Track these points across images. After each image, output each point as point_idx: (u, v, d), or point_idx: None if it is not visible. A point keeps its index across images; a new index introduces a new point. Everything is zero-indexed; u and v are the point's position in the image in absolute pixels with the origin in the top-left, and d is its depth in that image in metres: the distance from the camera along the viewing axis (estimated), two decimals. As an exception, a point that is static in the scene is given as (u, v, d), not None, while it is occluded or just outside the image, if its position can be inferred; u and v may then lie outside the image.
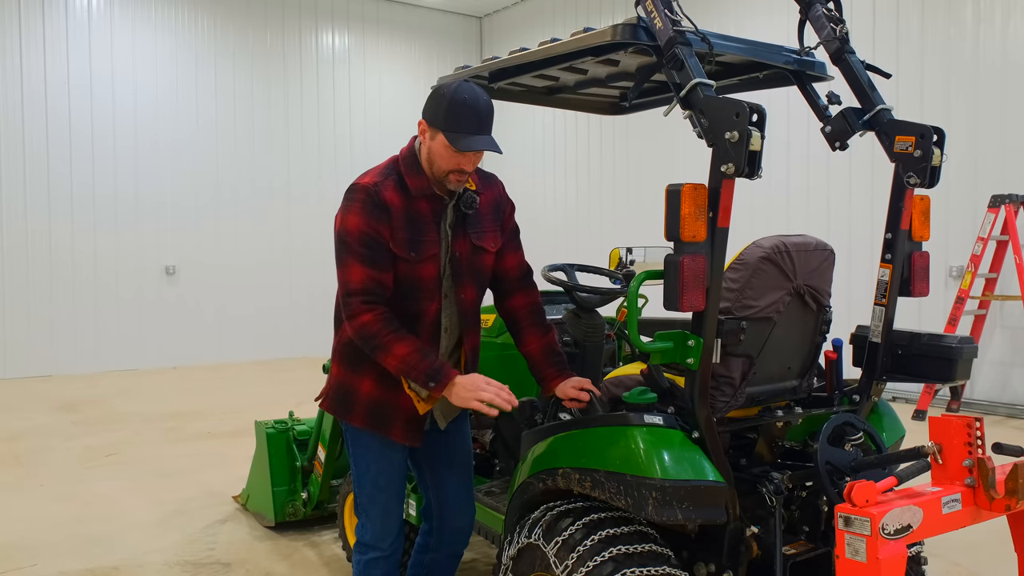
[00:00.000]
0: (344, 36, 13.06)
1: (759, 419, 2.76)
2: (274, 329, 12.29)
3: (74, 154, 10.92)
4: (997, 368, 7.97)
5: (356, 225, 2.57)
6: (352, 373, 2.76)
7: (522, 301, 2.94)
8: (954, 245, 8.05)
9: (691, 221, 2.30)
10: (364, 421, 2.76)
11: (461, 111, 2.53)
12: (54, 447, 6.86)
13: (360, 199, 2.58)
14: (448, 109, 2.53)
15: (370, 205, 2.57)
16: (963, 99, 8.07)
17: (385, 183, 2.61)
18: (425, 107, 2.61)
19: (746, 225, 5.00)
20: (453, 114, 2.53)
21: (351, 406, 2.78)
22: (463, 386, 2.53)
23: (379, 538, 2.85)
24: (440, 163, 2.59)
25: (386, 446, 2.81)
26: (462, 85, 2.58)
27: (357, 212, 2.57)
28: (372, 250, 2.57)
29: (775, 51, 2.97)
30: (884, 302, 2.86)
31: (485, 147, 2.55)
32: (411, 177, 2.64)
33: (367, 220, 2.56)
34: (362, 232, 2.56)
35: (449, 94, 2.55)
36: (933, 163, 2.67)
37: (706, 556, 2.65)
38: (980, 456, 2.14)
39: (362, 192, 2.59)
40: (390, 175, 2.64)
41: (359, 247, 2.56)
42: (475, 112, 2.55)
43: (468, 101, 2.54)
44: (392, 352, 2.55)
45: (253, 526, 4.83)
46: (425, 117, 2.60)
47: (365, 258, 2.56)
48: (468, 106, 2.53)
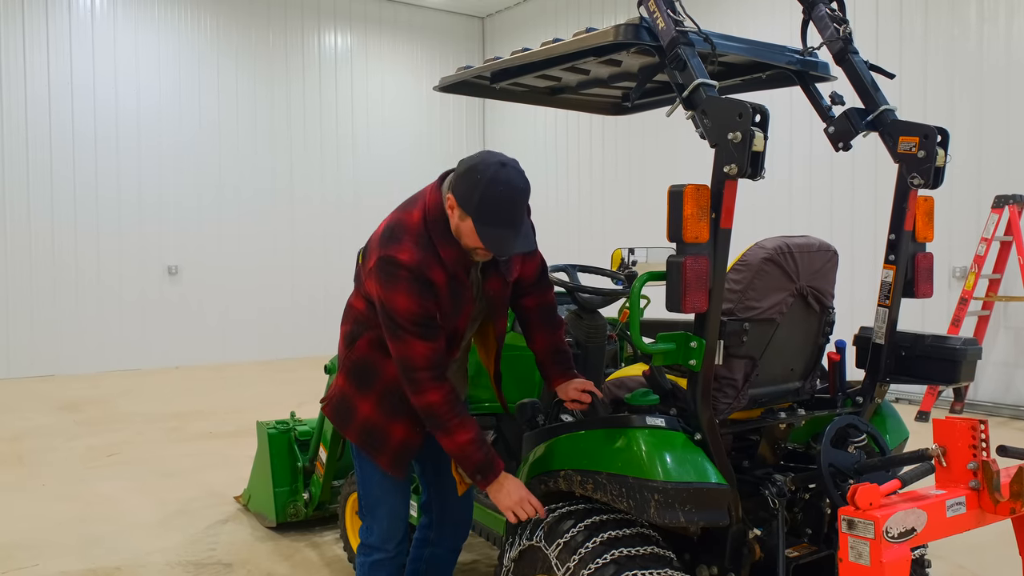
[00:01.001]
0: (347, 36, 13.06)
1: (762, 421, 2.75)
2: (276, 330, 12.29)
3: (77, 155, 10.93)
4: (1001, 369, 7.94)
5: (407, 307, 2.47)
6: (355, 391, 2.75)
7: (536, 300, 2.93)
8: (958, 246, 8.02)
9: (694, 222, 2.29)
10: (357, 438, 2.78)
11: (495, 204, 2.39)
12: (56, 447, 6.86)
13: (406, 278, 2.46)
14: (482, 199, 2.38)
15: (417, 285, 2.47)
16: (967, 99, 8.04)
17: (426, 260, 2.49)
18: (457, 183, 2.45)
19: (749, 226, 5.00)
20: (486, 206, 2.39)
21: (348, 420, 2.78)
22: (508, 491, 2.56)
23: (384, 540, 2.84)
24: (468, 242, 2.49)
25: None
26: (499, 173, 2.39)
27: (405, 293, 2.46)
28: (426, 327, 2.50)
29: (778, 51, 2.95)
30: (888, 303, 2.85)
31: (518, 249, 2.45)
32: (444, 248, 2.52)
33: (418, 302, 2.47)
34: (414, 313, 2.48)
35: (485, 182, 2.38)
36: (937, 164, 2.65)
37: (708, 558, 2.64)
38: (985, 459, 2.12)
39: (407, 271, 2.46)
40: (427, 248, 2.50)
41: (414, 327, 2.49)
42: (511, 206, 2.40)
43: (503, 195, 2.39)
44: (454, 438, 2.54)
45: (255, 526, 4.83)
46: (455, 195, 2.44)
47: (422, 335, 2.50)
48: (504, 200, 2.39)
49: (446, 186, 2.53)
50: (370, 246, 2.60)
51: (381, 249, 2.51)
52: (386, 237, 2.52)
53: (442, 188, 2.55)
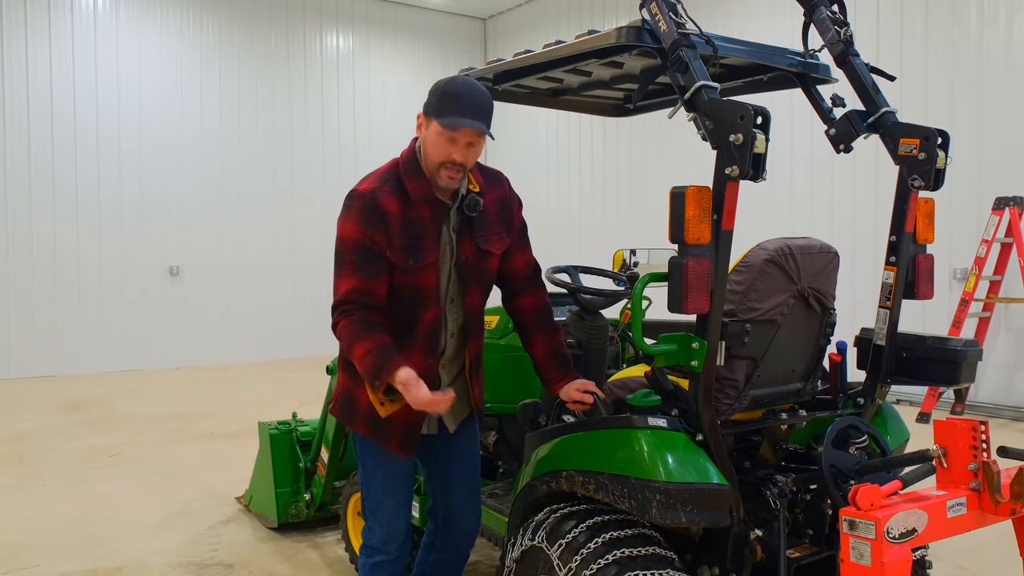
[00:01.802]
0: (348, 38, 13.08)
1: (763, 422, 2.76)
2: (277, 330, 12.30)
3: (79, 155, 10.94)
4: (1002, 371, 7.95)
5: (351, 233, 2.53)
6: (352, 381, 2.74)
7: (530, 302, 2.91)
8: (958, 247, 8.03)
9: (695, 223, 2.29)
10: (365, 428, 2.75)
11: (455, 96, 2.51)
12: (58, 447, 6.87)
13: (357, 206, 2.54)
14: (442, 94, 2.53)
15: (367, 212, 2.53)
16: (967, 101, 8.05)
17: (383, 189, 2.57)
18: (424, 103, 2.61)
19: (750, 228, 5.00)
20: (447, 99, 2.51)
21: (353, 413, 2.77)
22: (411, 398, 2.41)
23: (386, 542, 2.83)
24: (432, 155, 2.56)
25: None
26: (459, 76, 2.60)
27: (354, 220, 2.54)
28: (365, 259, 2.53)
29: (779, 53, 2.96)
30: (888, 305, 2.86)
31: (473, 126, 2.50)
32: (411, 181, 2.60)
33: (362, 228, 2.53)
34: (356, 240, 2.53)
35: (445, 82, 2.57)
36: (937, 166, 2.66)
37: (710, 559, 2.64)
38: (985, 460, 2.13)
39: (359, 199, 2.55)
40: (389, 180, 2.60)
41: (352, 255, 2.53)
42: (470, 97, 2.52)
43: (462, 87, 2.53)
44: (354, 354, 2.51)
45: (256, 527, 4.84)
46: (423, 110, 2.61)
47: (357, 267, 2.53)
48: (462, 92, 2.52)
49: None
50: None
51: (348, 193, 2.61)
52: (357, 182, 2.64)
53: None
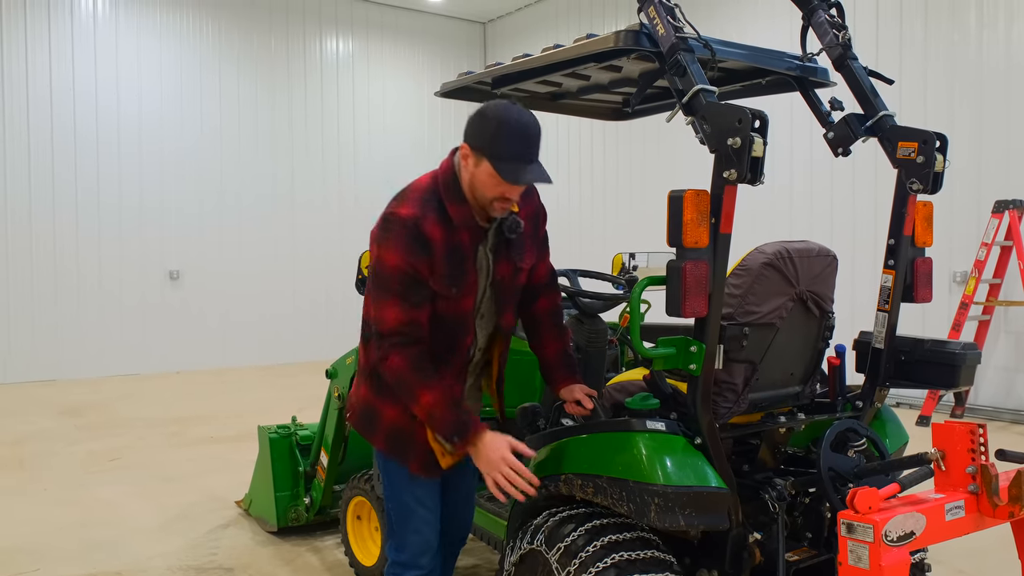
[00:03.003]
0: (348, 42, 13.09)
1: (762, 425, 2.76)
2: (277, 334, 12.30)
3: (79, 160, 10.95)
4: (1001, 374, 7.94)
5: (394, 262, 2.38)
6: (377, 396, 2.65)
7: (546, 304, 2.89)
8: (958, 250, 8.03)
9: (693, 227, 2.30)
10: (385, 445, 2.69)
11: (510, 137, 2.35)
12: (57, 451, 6.87)
13: (400, 232, 2.39)
14: (495, 134, 2.36)
15: (410, 240, 2.38)
16: (967, 104, 8.06)
17: (427, 216, 2.41)
18: (468, 129, 2.43)
19: (749, 231, 5.00)
20: (501, 140, 2.35)
21: (374, 428, 2.69)
22: (486, 453, 2.40)
23: (418, 555, 2.73)
24: (484, 191, 2.42)
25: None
26: (509, 107, 2.38)
27: (396, 247, 2.38)
28: (409, 288, 2.41)
29: (777, 57, 2.97)
30: (887, 308, 2.86)
31: (536, 178, 2.38)
32: (453, 205, 2.46)
33: (407, 257, 2.38)
34: (401, 270, 2.39)
35: (496, 117, 2.36)
36: (936, 169, 2.67)
37: (709, 562, 2.64)
38: (983, 463, 2.13)
39: (401, 225, 2.39)
40: (430, 204, 2.44)
41: (396, 285, 2.40)
42: (524, 138, 2.37)
43: (517, 126, 2.36)
44: (419, 400, 2.42)
45: (256, 531, 4.84)
46: (468, 141, 2.42)
47: (401, 297, 2.40)
48: (517, 132, 2.36)
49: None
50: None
51: (385, 211, 2.47)
52: (392, 201, 2.49)
53: (455, 155, 2.53)
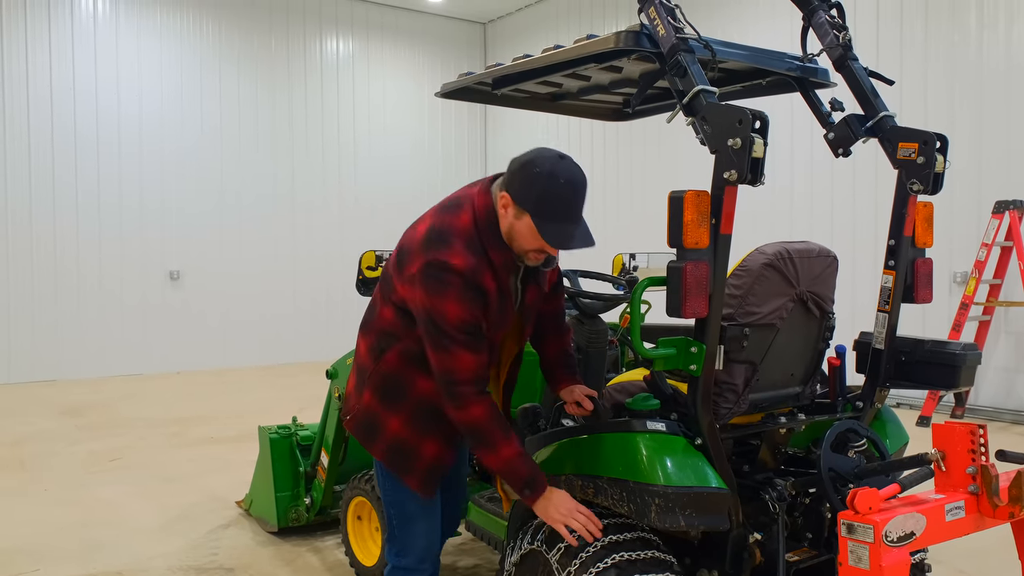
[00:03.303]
0: (348, 42, 13.10)
1: (762, 426, 2.76)
2: (278, 335, 12.30)
3: (79, 160, 10.95)
4: (1002, 374, 7.94)
5: (456, 314, 2.34)
6: (383, 407, 2.62)
7: (552, 306, 2.90)
8: (958, 251, 8.03)
9: (694, 228, 2.30)
10: (384, 456, 2.66)
11: (556, 198, 2.31)
12: (58, 452, 6.87)
13: (457, 284, 2.33)
14: (542, 194, 2.30)
15: (468, 291, 2.35)
16: (967, 105, 8.06)
17: (480, 268, 2.37)
18: (511, 180, 2.37)
19: (750, 232, 5.01)
20: (547, 200, 2.30)
21: (375, 438, 2.66)
22: (556, 504, 2.44)
23: (422, 559, 2.74)
24: (522, 243, 2.39)
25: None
26: (558, 163, 2.33)
27: (456, 299, 2.33)
28: (473, 336, 2.39)
29: (778, 58, 2.98)
30: (887, 309, 2.86)
31: (580, 243, 2.34)
32: (496, 251, 2.42)
33: (468, 307, 2.35)
34: (464, 320, 2.35)
35: (544, 175, 2.31)
36: (936, 170, 2.68)
37: (709, 563, 2.65)
38: (984, 463, 2.13)
39: (457, 276, 2.33)
40: (477, 251, 2.38)
41: (462, 335, 2.36)
42: (571, 198, 2.33)
43: (565, 186, 2.32)
44: (498, 453, 2.42)
45: (256, 531, 4.84)
46: (510, 192, 2.35)
47: (470, 345, 2.38)
48: (565, 192, 2.32)
49: (496, 187, 2.43)
50: (409, 250, 2.45)
51: (427, 253, 2.36)
52: (432, 240, 2.38)
53: (492, 190, 2.45)
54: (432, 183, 13.66)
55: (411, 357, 2.54)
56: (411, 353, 2.54)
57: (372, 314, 2.67)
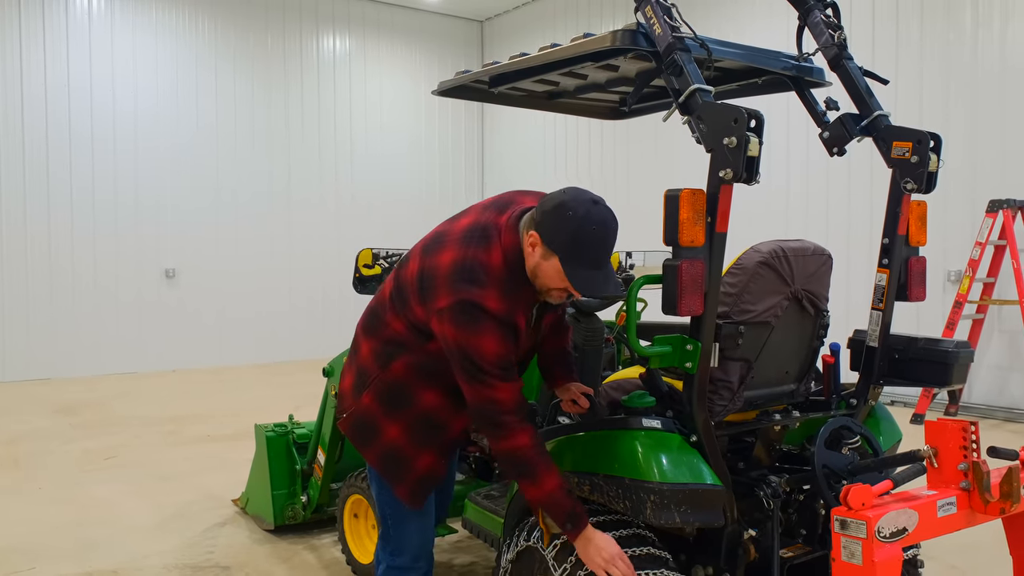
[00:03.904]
0: (345, 40, 13.09)
1: (757, 423, 2.78)
2: (273, 333, 12.29)
3: (74, 157, 10.92)
4: (995, 372, 7.98)
5: (494, 351, 2.35)
6: (383, 413, 2.62)
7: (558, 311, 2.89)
8: (952, 250, 8.06)
9: (689, 226, 2.32)
10: (377, 462, 2.66)
11: (587, 244, 2.30)
12: (53, 450, 6.87)
13: (492, 325, 2.34)
14: (573, 239, 2.29)
15: (504, 330, 2.37)
16: (962, 104, 8.09)
17: (513, 307, 2.39)
18: (543, 220, 2.33)
19: (745, 231, 5.00)
20: (578, 246, 2.29)
21: (370, 442, 2.66)
22: (598, 547, 2.38)
23: (417, 557, 2.75)
24: (547, 282, 2.39)
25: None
26: (592, 211, 2.31)
27: (492, 338, 2.34)
28: (510, 370, 2.42)
29: (773, 57, 2.99)
30: (881, 307, 2.88)
31: (607, 291, 2.35)
32: (524, 291, 2.44)
33: (504, 345, 2.37)
34: (502, 357, 2.37)
35: (578, 220, 2.29)
36: (930, 169, 2.69)
37: (704, 559, 2.66)
38: (975, 460, 2.15)
39: (493, 319, 2.34)
40: (511, 294, 2.39)
41: (500, 370, 2.38)
42: (601, 247, 2.33)
43: (595, 234, 2.30)
44: (542, 485, 2.40)
45: (252, 529, 4.84)
46: (540, 232, 2.32)
47: (507, 377, 2.40)
48: (596, 239, 2.31)
49: (524, 224, 2.40)
50: (435, 282, 2.41)
51: (459, 291, 2.35)
52: (463, 277, 2.36)
53: (519, 228, 2.42)
54: (429, 181, 13.67)
55: (419, 369, 2.55)
56: (419, 365, 2.54)
57: (379, 321, 2.64)
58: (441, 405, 2.60)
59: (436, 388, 2.58)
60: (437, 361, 2.49)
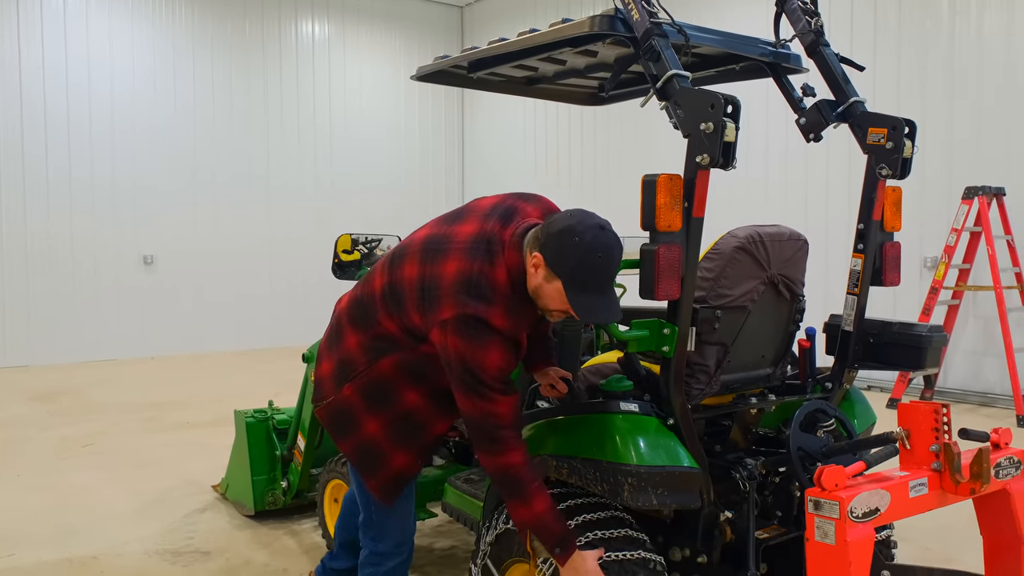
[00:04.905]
0: (324, 25, 12.97)
1: (733, 406, 2.81)
2: (253, 318, 12.22)
3: (49, 140, 10.76)
4: (970, 357, 8.09)
5: (497, 366, 2.35)
6: (365, 407, 2.61)
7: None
8: (929, 236, 8.15)
9: (666, 211, 2.33)
10: (352, 454, 2.66)
11: (592, 271, 2.28)
12: (30, 437, 6.81)
13: (497, 340, 2.34)
14: (578, 265, 2.27)
15: (509, 345, 2.38)
16: (939, 91, 8.16)
17: (517, 325, 2.40)
18: (547, 242, 2.30)
19: (725, 217, 5.04)
20: (582, 271, 2.27)
21: (347, 433, 2.65)
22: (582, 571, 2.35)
23: (399, 544, 2.76)
24: (547, 303, 2.38)
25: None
26: (599, 237, 2.28)
27: (497, 352, 2.34)
28: (509, 383, 2.42)
29: (751, 43, 3.00)
30: (856, 291, 2.92)
31: (607, 317, 2.34)
32: (527, 309, 2.44)
33: (507, 360, 2.37)
34: (504, 371, 2.37)
35: (584, 247, 2.26)
36: (904, 155, 2.72)
37: (681, 540, 2.70)
38: (946, 441, 2.19)
39: (498, 335, 2.34)
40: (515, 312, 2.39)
41: (501, 384, 2.37)
42: (605, 274, 2.31)
43: (600, 261, 2.28)
44: (532, 505, 2.37)
45: (233, 515, 4.84)
46: (544, 254, 2.30)
47: (507, 391, 2.39)
48: (600, 265, 2.29)
49: (528, 243, 2.38)
50: (438, 292, 2.39)
51: (465, 305, 2.33)
52: (469, 292, 2.34)
53: (523, 246, 2.39)
54: (409, 167, 13.60)
55: (407, 368, 2.54)
56: (407, 365, 2.53)
57: (368, 315, 2.61)
58: (424, 406, 2.61)
59: (421, 388, 2.58)
60: (427, 363, 2.49)
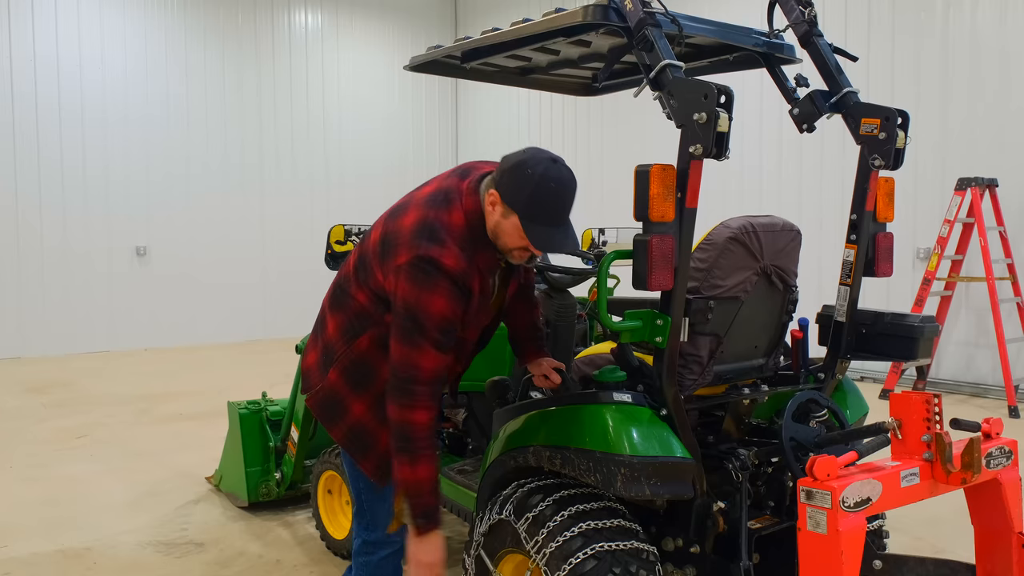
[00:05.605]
0: (317, 14, 12.91)
1: (726, 397, 2.81)
2: (246, 310, 12.20)
3: (40, 131, 10.69)
4: (962, 348, 8.12)
5: (440, 311, 2.31)
6: (349, 390, 2.58)
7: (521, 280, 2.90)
8: (921, 227, 8.17)
9: (659, 201, 2.33)
10: (343, 439, 2.65)
11: (546, 201, 2.30)
12: (24, 429, 6.80)
13: (445, 283, 2.31)
14: (531, 196, 2.29)
15: (455, 290, 2.33)
16: (933, 83, 8.16)
17: (470, 268, 2.36)
18: (501, 178, 2.34)
19: (719, 208, 5.05)
20: (536, 203, 2.29)
21: (336, 419, 2.64)
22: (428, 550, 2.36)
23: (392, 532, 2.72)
24: (507, 240, 2.37)
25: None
26: (551, 169, 2.31)
27: (441, 296, 2.30)
28: (447, 335, 2.36)
29: (744, 33, 3.00)
30: (849, 282, 2.92)
31: (565, 247, 2.34)
32: (484, 254, 2.41)
33: (452, 306, 2.33)
34: (445, 318, 2.32)
35: (536, 178, 2.29)
36: (897, 145, 2.72)
37: (673, 531, 2.70)
38: (938, 431, 2.20)
39: (447, 276, 2.31)
40: (468, 252, 2.36)
41: (436, 333, 2.32)
42: (560, 204, 2.33)
43: (554, 192, 2.31)
44: (417, 468, 2.35)
45: (226, 506, 4.84)
46: (500, 190, 2.33)
47: (440, 345, 2.34)
48: (554, 196, 2.31)
49: (484, 185, 2.40)
50: (396, 241, 2.39)
51: (417, 247, 2.32)
52: (424, 235, 2.34)
53: (480, 190, 2.42)
54: (403, 156, 13.57)
55: (383, 343, 2.51)
56: (383, 339, 2.50)
57: (344, 294, 2.61)
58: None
59: None
60: None
